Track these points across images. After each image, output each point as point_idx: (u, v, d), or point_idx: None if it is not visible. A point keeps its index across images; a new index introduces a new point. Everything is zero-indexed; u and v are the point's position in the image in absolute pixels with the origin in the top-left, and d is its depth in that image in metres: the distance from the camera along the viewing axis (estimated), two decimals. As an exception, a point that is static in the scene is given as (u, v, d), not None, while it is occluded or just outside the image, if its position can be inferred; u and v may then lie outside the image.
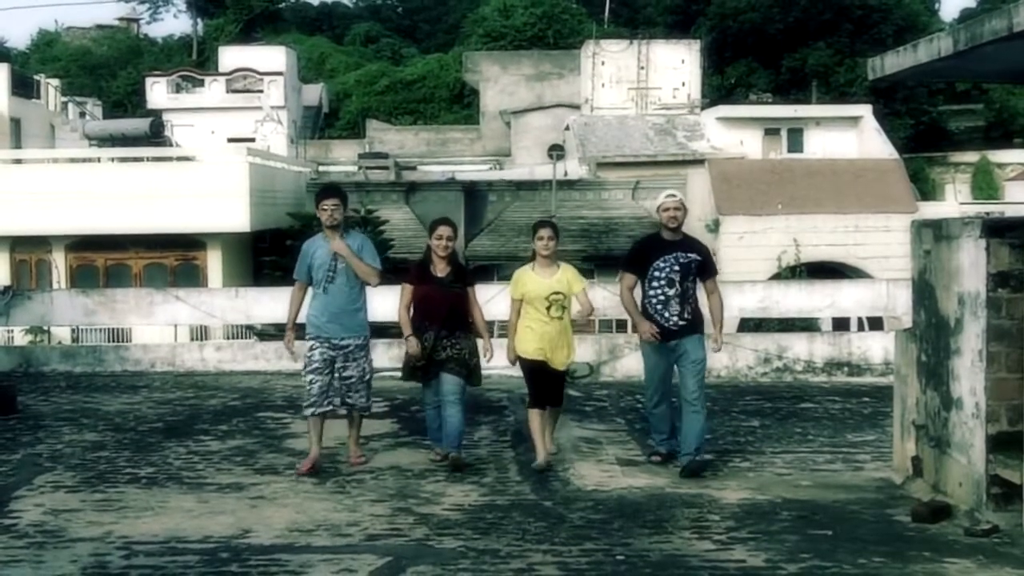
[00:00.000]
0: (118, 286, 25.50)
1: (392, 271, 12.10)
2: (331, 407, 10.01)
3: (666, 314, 9.93)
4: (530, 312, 10.04)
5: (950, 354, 8.42)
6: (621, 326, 20.36)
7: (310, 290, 10.17)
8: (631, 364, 15.45)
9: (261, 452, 10.84)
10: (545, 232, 10.13)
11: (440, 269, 10.05)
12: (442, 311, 9.91)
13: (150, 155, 32.08)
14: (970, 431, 8.09)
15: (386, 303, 11.82)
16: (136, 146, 33.57)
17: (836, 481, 9.55)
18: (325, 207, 10.02)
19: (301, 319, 10.25)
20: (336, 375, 9.96)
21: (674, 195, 10.35)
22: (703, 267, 10.15)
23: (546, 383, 10.13)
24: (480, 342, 10.27)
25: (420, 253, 10.84)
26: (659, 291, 9.95)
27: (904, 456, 9.29)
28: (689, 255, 10.05)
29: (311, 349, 9.94)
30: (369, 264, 10.03)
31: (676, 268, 9.93)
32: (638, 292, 10.16)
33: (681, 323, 9.93)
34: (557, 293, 10.00)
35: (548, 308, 9.97)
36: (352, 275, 9.96)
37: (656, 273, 9.96)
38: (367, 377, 10.11)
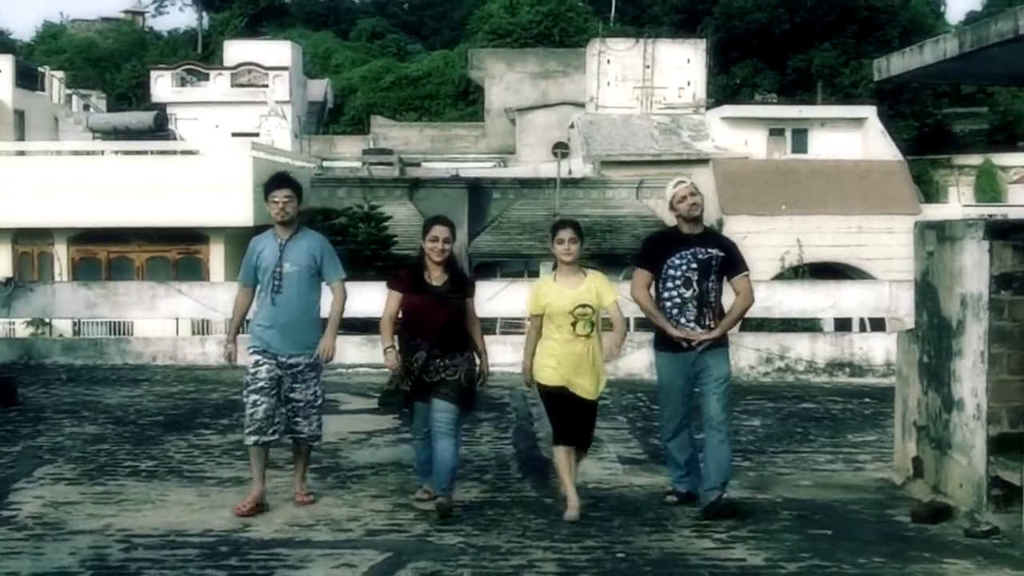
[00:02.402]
0: (120, 279, 25.44)
1: (394, 268, 10.49)
2: (277, 436, 8.57)
3: (682, 320, 8.45)
4: (552, 330, 8.36)
5: (952, 355, 8.42)
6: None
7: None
8: (633, 362, 15.46)
9: (262, 446, 10.82)
10: (566, 234, 8.44)
11: (436, 276, 8.44)
12: (436, 326, 8.30)
13: (154, 149, 32.03)
14: (971, 432, 8.08)
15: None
16: (140, 139, 33.50)
17: (836, 481, 9.55)
18: (276, 199, 8.53)
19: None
20: (282, 397, 8.54)
21: (684, 181, 8.85)
22: (728, 264, 8.58)
23: (571, 415, 8.37)
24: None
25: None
26: (674, 293, 8.47)
27: (905, 457, 9.29)
28: (709, 250, 8.49)
29: (255, 365, 8.44)
30: (334, 281, 8.65)
31: (694, 266, 8.42)
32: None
33: (704, 331, 8.45)
34: (584, 307, 8.31)
35: (573, 325, 8.28)
36: (306, 281, 8.52)
37: (670, 272, 8.47)
38: (319, 402, 8.71)
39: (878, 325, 23.92)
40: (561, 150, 39.90)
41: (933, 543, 7.55)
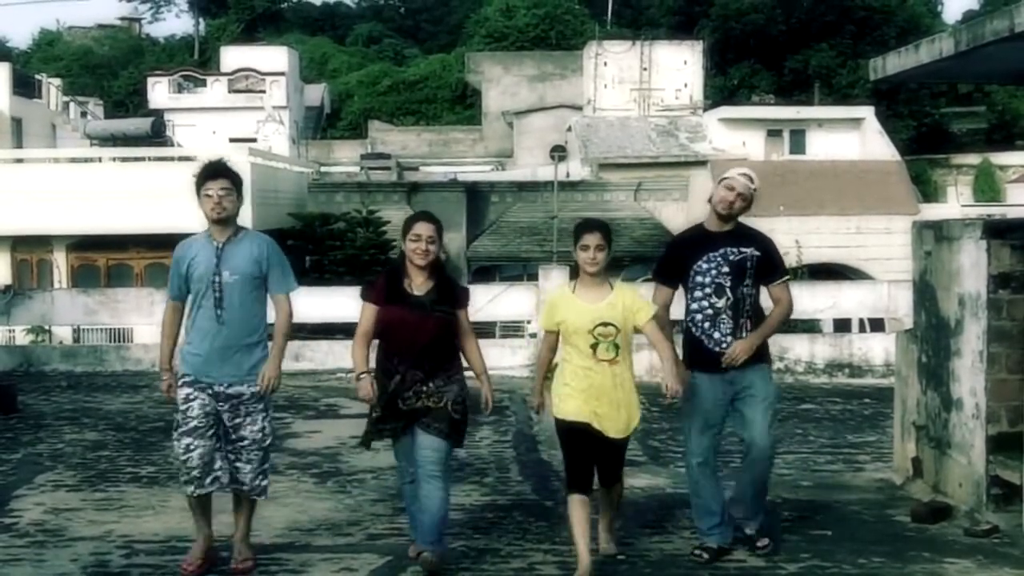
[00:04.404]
0: (119, 286, 25.45)
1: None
2: (219, 486, 7.10)
3: (715, 335, 7.21)
4: (571, 353, 6.96)
5: (951, 355, 8.43)
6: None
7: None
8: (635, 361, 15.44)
9: (262, 451, 10.82)
10: (592, 239, 6.95)
11: (418, 284, 6.95)
12: (418, 343, 6.87)
13: (151, 155, 32.06)
14: (970, 432, 8.10)
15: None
16: (137, 146, 33.52)
17: (836, 481, 9.55)
18: (209, 192, 6.98)
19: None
20: (222, 436, 7.05)
21: (751, 178, 7.44)
22: (765, 266, 7.31)
23: (592, 457, 6.97)
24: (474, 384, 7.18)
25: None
26: (704, 303, 7.24)
27: (904, 457, 9.29)
28: (743, 249, 7.24)
29: (186, 400, 6.99)
30: (281, 293, 7.15)
31: (725, 269, 7.19)
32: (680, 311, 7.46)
33: (736, 345, 7.21)
34: (607, 325, 6.87)
35: (594, 347, 6.88)
36: (250, 293, 7.01)
37: (699, 279, 7.23)
38: (267, 442, 7.12)
39: (877, 325, 23.93)
40: (559, 153, 39.88)
41: (933, 543, 7.56)
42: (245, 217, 30.38)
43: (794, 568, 7.04)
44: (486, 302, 15.63)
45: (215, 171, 7.08)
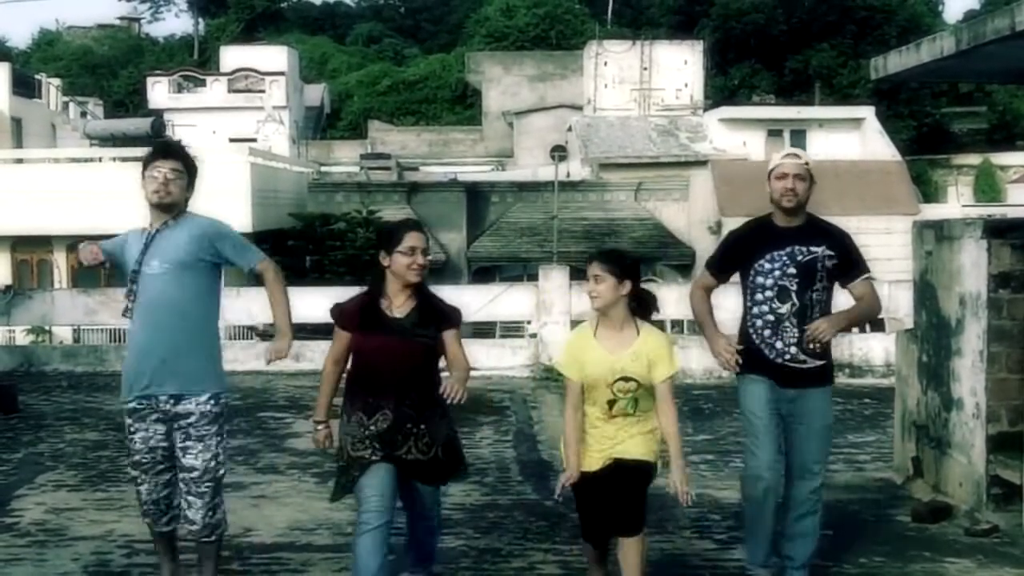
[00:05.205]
0: (120, 286, 25.45)
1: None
2: (175, 526, 6.16)
3: (777, 345, 6.41)
4: (588, 403, 5.98)
5: (951, 355, 8.43)
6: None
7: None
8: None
9: (263, 451, 10.84)
10: (593, 268, 5.97)
11: (398, 305, 5.93)
12: (398, 376, 5.84)
13: (152, 155, 32.06)
14: (970, 431, 8.10)
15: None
16: (137, 146, 33.46)
17: (837, 481, 9.54)
18: (156, 173, 5.91)
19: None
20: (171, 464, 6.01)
21: (797, 155, 6.56)
22: (842, 265, 6.45)
23: (603, 497, 5.96)
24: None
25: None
26: (764, 308, 6.41)
27: (905, 456, 9.29)
28: (813, 249, 6.37)
29: (131, 431, 6.13)
30: (256, 262, 6.08)
31: (791, 271, 6.34)
32: (728, 303, 7.07)
33: (810, 359, 6.42)
34: (626, 380, 5.89)
35: (610, 404, 5.91)
36: (189, 286, 5.92)
37: (760, 280, 6.41)
38: (220, 472, 6.01)
39: (877, 325, 23.91)
40: (559, 153, 39.91)
41: (933, 542, 7.56)
42: (245, 217, 30.46)
43: (795, 567, 7.03)
44: (486, 302, 15.62)
45: (167, 150, 6.11)
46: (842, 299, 6.59)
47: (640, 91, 45.60)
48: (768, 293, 6.37)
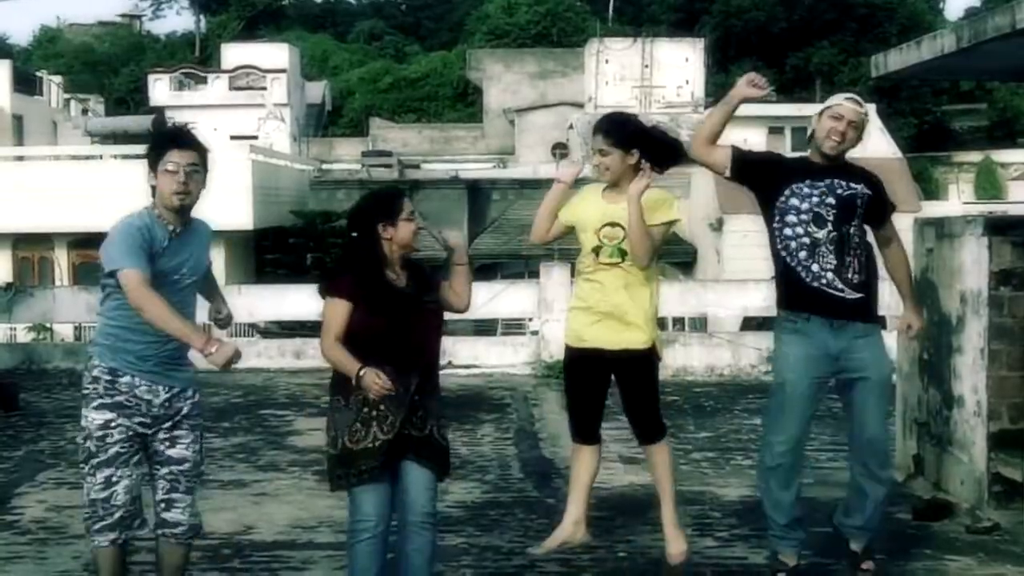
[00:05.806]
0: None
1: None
2: (147, 528, 5.61)
3: (814, 267, 5.97)
4: (581, 260, 6.06)
5: (952, 352, 8.42)
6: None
7: (111, 302, 5.53)
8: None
9: (263, 449, 10.85)
10: (595, 142, 6.13)
11: (397, 276, 5.57)
12: (410, 348, 5.43)
13: (153, 152, 32.10)
14: (971, 429, 8.10)
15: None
16: (138, 143, 33.52)
17: (838, 479, 9.51)
18: (172, 167, 5.27)
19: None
20: (148, 461, 5.53)
21: (859, 102, 6.31)
22: (876, 206, 6.23)
23: (598, 390, 6.11)
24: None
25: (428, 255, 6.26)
26: (800, 230, 6.02)
27: (905, 454, 9.30)
28: (852, 185, 6.15)
29: (106, 425, 5.57)
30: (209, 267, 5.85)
31: (830, 201, 6.05)
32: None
33: (849, 289, 6.00)
34: (612, 226, 5.87)
35: (596, 252, 5.95)
36: (198, 290, 5.69)
37: (794, 201, 6.07)
38: (204, 464, 5.84)
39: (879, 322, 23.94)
40: (560, 150, 39.91)
41: (935, 540, 7.56)
42: (247, 214, 30.57)
43: (795, 565, 7.02)
44: (488, 300, 15.61)
45: (180, 139, 5.39)
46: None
47: (641, 88, 45.59)
48: (804, 216, 6.03)
